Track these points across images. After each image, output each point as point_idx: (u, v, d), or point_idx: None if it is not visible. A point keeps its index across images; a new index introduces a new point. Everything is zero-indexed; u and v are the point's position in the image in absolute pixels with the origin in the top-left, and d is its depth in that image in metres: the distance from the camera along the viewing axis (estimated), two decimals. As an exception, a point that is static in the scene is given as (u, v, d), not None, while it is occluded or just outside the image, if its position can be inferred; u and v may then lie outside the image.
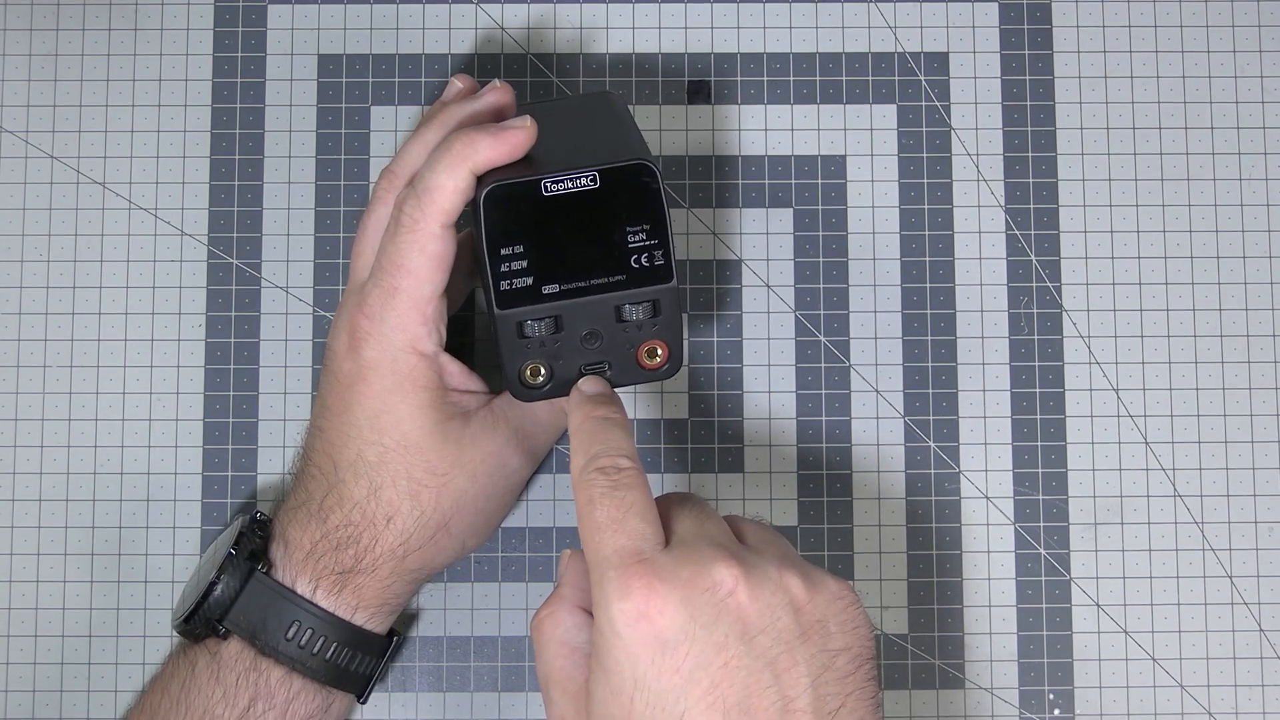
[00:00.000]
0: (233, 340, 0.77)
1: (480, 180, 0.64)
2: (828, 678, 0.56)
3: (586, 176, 0.63)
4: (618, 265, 0.63)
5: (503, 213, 0.63)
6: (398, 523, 0.67)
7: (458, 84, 0.71)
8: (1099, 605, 0.75)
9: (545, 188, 0.63)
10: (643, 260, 0.63)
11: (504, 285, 0.63)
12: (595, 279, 0.64)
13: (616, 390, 0.65)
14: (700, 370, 0.77)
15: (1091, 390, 0.77)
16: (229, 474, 0.76)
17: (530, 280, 0.63)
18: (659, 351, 0.66)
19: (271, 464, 0.76)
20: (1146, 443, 0.76)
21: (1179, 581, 0.76)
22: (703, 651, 0.54)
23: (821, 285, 0.77)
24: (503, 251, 0.63)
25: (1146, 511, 0.76)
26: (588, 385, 0.64)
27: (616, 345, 0.65)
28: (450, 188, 0.63)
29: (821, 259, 0.77)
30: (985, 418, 0.77)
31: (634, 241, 0.63)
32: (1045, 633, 0.75)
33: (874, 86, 0.79)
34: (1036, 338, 0.77)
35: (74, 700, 0.75)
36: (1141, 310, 0.77)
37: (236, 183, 0.78)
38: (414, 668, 0.75)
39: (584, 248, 0.63)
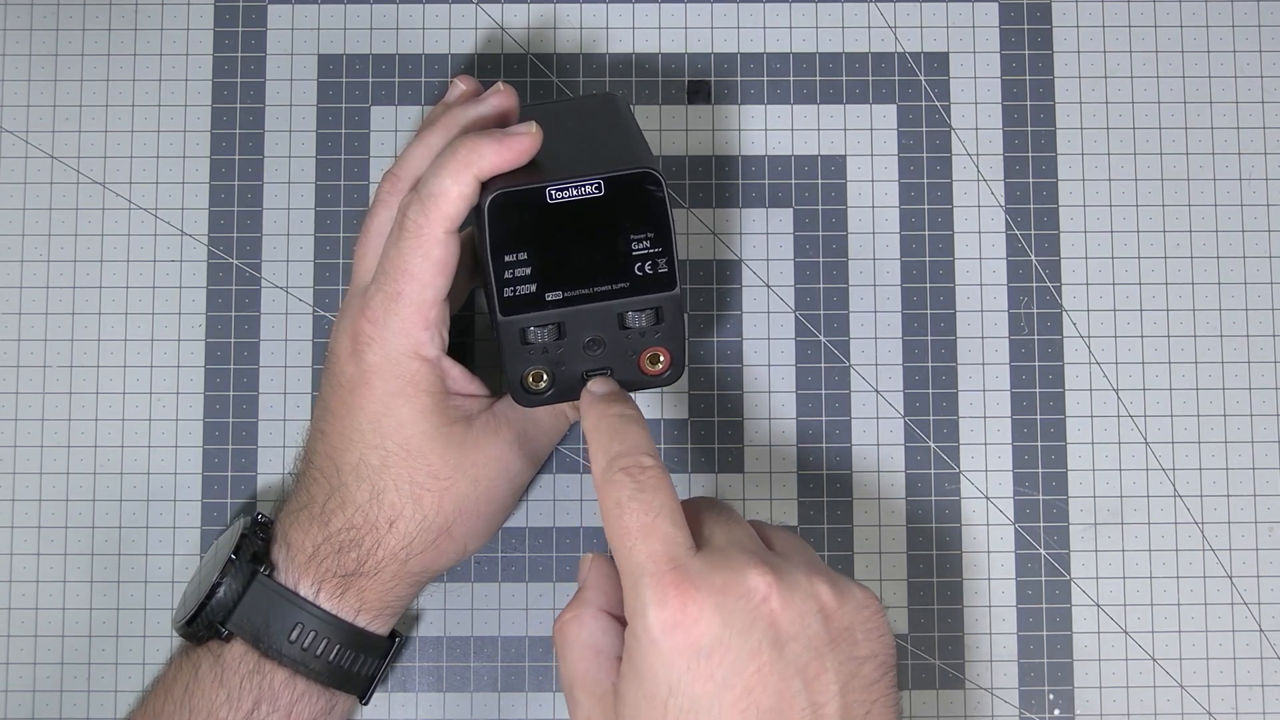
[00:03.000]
0: (233, 340, 0.77)
1: (485, 186, 0.64)
2: (855, 684, 0.56)
3: (591, 184, 0.63)
4: (621, 272, 0.63)
5: (507, 220, 0.63)
6: (400, 526, 0.67)
7: (460, 85, 0.71)
8: (1099, 605, 0.76)
9: (550, 195, 0.63)
10: (646, 268, 0.63)
11: (508, 292, 0.63)
12: (598, 286, 0.64)
13: (618, 395, 0.65)
14: (700, 370, 0.77)
15: (1091, 390, 0.77)
16: (229, 474, 0.76)
17: (534, 287, 0.63)
18: (661, 358, 0.66)
19: (272, 464, 0.76)
20: (1146, 443, 0.77)
21: (1179, 581, 0.76)
22: (737, 658, 0.54)
23: (821, 285, 0.77)
24: (507, 258, 0.63)
25: (1146, 511, 0.76)
26: (598, 386, 0.64)
27: (619, 352, 0.65)
28: (455, 194, 0.63)
29: (821, 259, 0.77)
30: (985, 418, 0.77)
31: (637, 249, 0.63)
32: (1045, 633, 0.75)
33: (874, 86, 0.79)
34: (1036, 338, 0.77)
35: (74, 700, 0.75)
36: (1141, 310, 0.77)
37: (236, 183, 0.78)
38: (414, 668, 0.75)
39: (588, 255, 0.63)
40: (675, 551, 0.56)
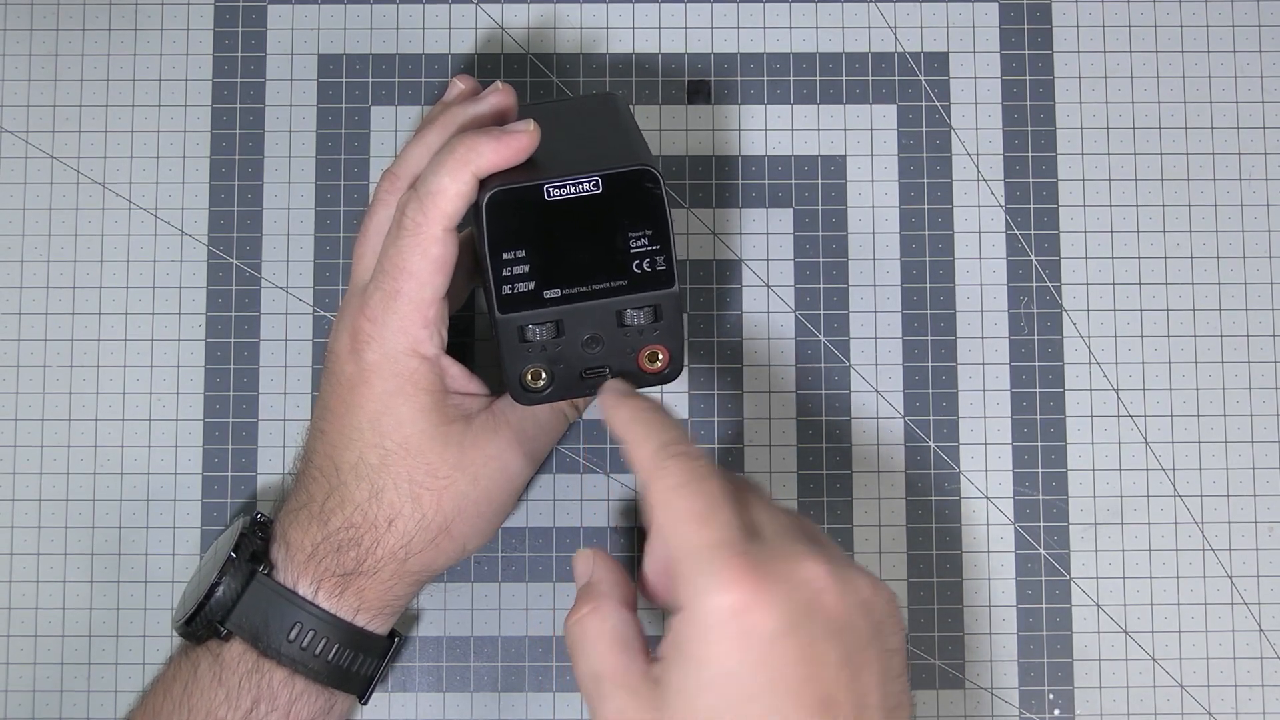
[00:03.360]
0: (233, 340, 0.77)
1: (483, 184, 0.64)
2: (889, 677, 0.57)
3: (589, 181, 0.63)
4: (619, 270, 0.63)
5: (505, 217, 0.63)
6: (399, 525, 0.67)
7: (459, 85, 0.71)
8: (1099, 605, 0.76)
9: (548, 192, 0.63)
10: (644, 265, 0.63)
11: (506, 290, 0.63)
12: (597, 284, 0.63)
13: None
14: (700, 370, 0.77)
15: (1091, 390, 0.77)
16: (229, 474, 0.76)
17: (532, 285, 0.63)
18: (660, 356, 0.66)
19: (272, 464, 0.76)
20: (1146, 443, 0.77)
21: (1179, 581, 0.76)
22: (794, 647, 0.54)
23: (821, 285, 0.77)
24: (505, 256, 0.63)
25: (1146, 511, 0.76)
26: (618, 384, 0.64)
27: (617, 349, 0.65)
28: (453, 191, 0.63)
29: (821, 259, 0.77)
30: (985, 418, 0.77)
31: (636, 246, 0.63)
32: (1045, 633, 0.75)
33: (874, 86, 0.79)
34: (1036, 338, 0.77)
35: (74, 700, 0.75)
36: (1141, 310, 0.77)
37: (236, 183, 0.78)
38: (414, 668, 0.75)
39: (586, 252, 0.63)
40: (734, 537, 0.56)
